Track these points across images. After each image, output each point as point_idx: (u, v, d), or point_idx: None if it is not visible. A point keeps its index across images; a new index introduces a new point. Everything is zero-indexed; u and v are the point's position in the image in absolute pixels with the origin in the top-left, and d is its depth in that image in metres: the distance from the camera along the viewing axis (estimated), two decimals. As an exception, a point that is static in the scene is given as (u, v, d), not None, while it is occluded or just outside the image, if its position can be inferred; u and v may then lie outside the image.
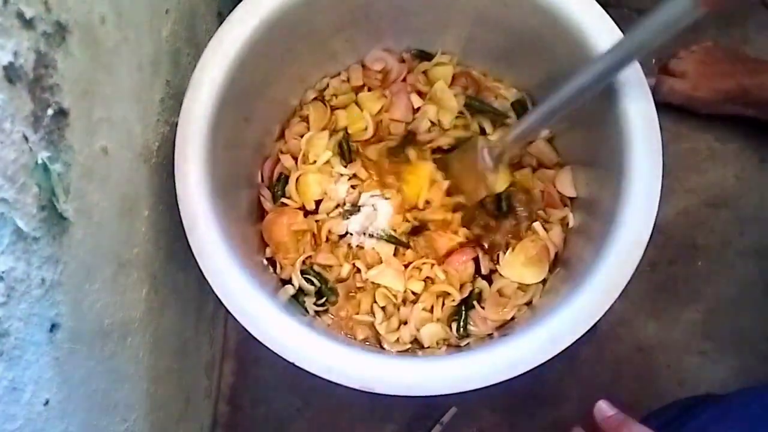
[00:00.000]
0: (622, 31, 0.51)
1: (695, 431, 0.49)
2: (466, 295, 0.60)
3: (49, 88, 0.35)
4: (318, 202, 0.63)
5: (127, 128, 0.46)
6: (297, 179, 0.63)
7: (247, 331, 0.48)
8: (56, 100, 0.36)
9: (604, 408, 0.44)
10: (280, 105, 0.64)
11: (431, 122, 0.64)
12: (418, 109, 0.65)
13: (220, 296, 0.48)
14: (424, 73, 0.66)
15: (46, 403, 0.37)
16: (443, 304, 0.60)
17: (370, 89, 0.66)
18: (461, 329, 0.59)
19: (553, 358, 0.46)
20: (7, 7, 0.31)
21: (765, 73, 0.77)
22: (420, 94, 0.65)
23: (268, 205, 0.64)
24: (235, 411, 0.75)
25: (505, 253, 0.61)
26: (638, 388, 0.75)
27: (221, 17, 0.66)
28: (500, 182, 0.62)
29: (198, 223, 0.49)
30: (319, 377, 0.46)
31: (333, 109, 0.66)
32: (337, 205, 0.63)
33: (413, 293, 0.61)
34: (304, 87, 0.66)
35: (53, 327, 0.37)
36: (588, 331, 0.47)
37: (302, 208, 0.63)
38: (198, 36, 0.60)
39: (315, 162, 0.63)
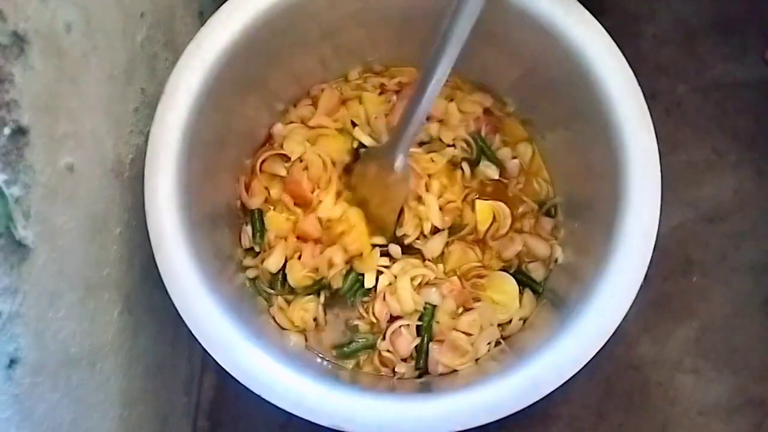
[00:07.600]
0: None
1: None
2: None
3: (6, 104, 0.32)
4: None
5: (97, 142, 0.43)
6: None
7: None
8: (14, 117, 0.33)
9: None
10: (266, 110, 0.61)
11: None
12: None
13: (186, 321, 0.45)
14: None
15: (3, 445, 0.34)
16: None
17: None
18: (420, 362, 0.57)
19: (535, 402, 0.44)
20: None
21: None
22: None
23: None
24: (215, 427, 0.72)
25: None
26: (629, 406, 0.73)
27: (202, 17, 0.63)
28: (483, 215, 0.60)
29: (165, 240, 0.45)
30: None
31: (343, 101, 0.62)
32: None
33: None
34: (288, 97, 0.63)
35: (12, 362, 0.35)
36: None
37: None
38: (177, 40, 0.56)
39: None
